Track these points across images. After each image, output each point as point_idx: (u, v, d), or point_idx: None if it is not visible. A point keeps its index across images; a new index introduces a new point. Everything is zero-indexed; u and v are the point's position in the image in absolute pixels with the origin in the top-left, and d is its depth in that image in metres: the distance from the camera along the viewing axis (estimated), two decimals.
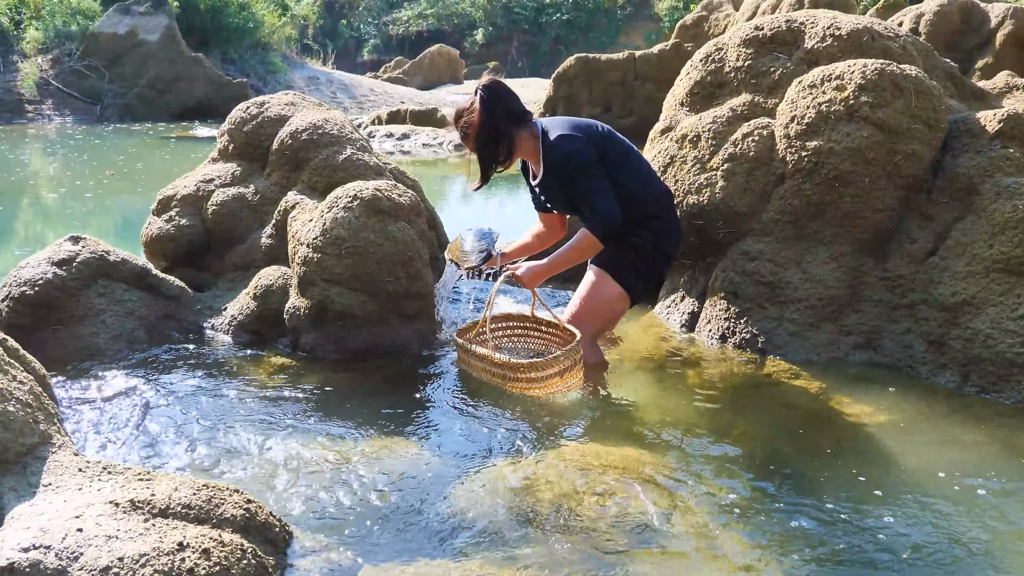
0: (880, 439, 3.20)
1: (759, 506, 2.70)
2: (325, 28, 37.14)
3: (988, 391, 3.55)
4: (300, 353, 4.06)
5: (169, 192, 4.87)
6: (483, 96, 3.65)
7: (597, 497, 2.67)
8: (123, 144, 14.28)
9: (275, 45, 24.23)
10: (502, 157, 3.71)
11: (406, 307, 4.07)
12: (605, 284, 3.77)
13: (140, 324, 4.16)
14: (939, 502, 2.73)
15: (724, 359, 4.00)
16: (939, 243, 3.83)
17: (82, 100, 18.73)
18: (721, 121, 4.31)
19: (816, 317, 3.97)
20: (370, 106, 21.84)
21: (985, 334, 3.57)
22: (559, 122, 3.74)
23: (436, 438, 3.21)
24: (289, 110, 4.86)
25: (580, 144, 3.61)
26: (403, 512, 2.65)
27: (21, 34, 19.83)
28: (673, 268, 4.65)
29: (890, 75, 3.86)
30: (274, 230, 4.51)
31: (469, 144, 3.76)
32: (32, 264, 4.01)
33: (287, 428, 3.25)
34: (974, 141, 3.87)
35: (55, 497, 2.13)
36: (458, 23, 38.43)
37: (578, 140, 3.62)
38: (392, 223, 4.00)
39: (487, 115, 3.64)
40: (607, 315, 3.87)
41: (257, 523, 2.28)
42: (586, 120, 3.82)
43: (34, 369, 2.90)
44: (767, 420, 3.42)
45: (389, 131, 14.34)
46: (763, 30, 4.42)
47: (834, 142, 3.87)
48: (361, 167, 4.51)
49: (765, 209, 4.12)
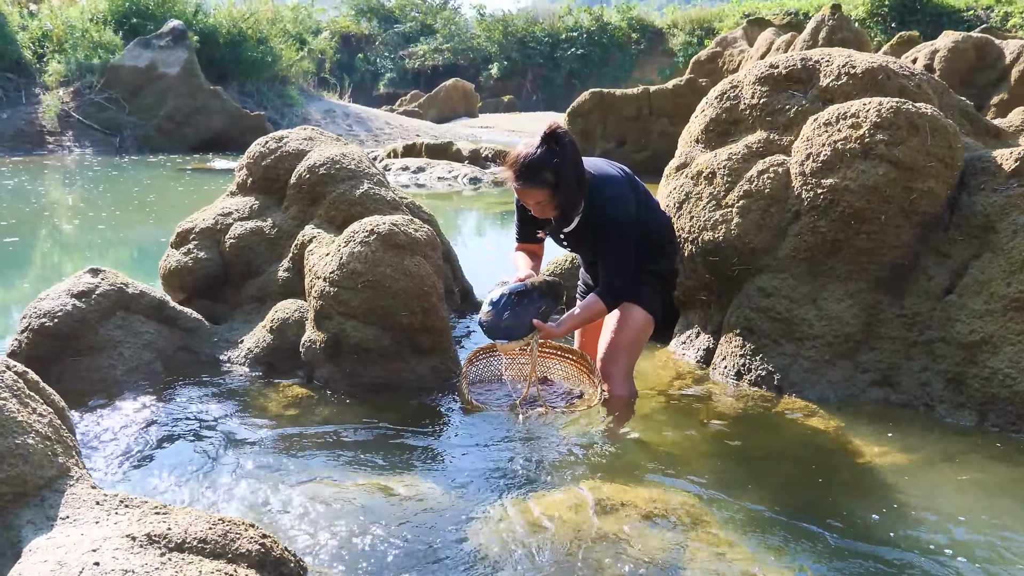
0: (897, 480, 3.17)
1: (773, 547, 2.68)
2: (342, 62, 37.51)
3: (1007, 430, 3.53)
4: (315, 386, 4.08)
5: (187, 225, 4.91)
6: (568, 143, 3.50)
7: (612, 536, 2.66)
8: (140, 176, 14.41)
9: (292, 79, 24.48)
10: (579, 209, 3.64)
11: (421, 341, 4.08)
12: (631, 313, 3.80)
13: (157, 356, 4.19)
14: (955, 547, 2.70)
15: (739, 396, 3.99)
16: (956, 281, 3.82)
17: (102, 132, 18.93)
18: (736, 158, 4.33)
19: (832, 354, 3.96)
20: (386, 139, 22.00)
21: (1004, 373, 3.55)
22: (603, 176, 3.67)
23: (450, 473, 3.21)
24: (307, 145, 4.91)
25: (630, 211, 3.63)
26: (417, 547, 2.65)
27: (43, 67, 20.10)
28: (688, 304, 4.66)
29: (906, 113, 3.87)
30: (291, 263, 4.54)
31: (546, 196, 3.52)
32: (52, 296, 4.04)
33: (302, 462, 3.25)
34: (991, 179, 3.87)
35: (72, 530, 2.13)
36: (473, 57, 38.76)
37: (629, 205, 3.64)
38: (408, 257, 4.02)
39: (573, 166, 3.51)
40: (640, 343, 3.90)
41: (272, 558, 2.28)
42: (612, 165, 3.82)
43: (53, 401, 2.92)
44: (782, 459, 3.40)
45: (405, 164, 14.43)
46: (778, 68, 4.45)
47: (850, 179, 3.88)
48: (378, 201, 4.54)
49: (780, 246, 4.12)
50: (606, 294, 3.69)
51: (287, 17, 26.43)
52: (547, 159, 3.45)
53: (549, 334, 3.70)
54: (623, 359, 3.84)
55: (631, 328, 3.80)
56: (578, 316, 3.77)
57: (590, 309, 3.73)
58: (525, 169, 3.47)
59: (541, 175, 3.46)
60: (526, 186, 3.51)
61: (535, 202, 3.58)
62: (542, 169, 3.45)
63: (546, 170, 3.45)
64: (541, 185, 3.48)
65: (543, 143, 3.47)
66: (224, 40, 22.10)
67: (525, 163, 3.47)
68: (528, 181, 3.49)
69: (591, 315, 3.76)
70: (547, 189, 3.49)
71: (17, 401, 2.40)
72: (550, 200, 3.53)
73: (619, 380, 3.83)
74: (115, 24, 20.73)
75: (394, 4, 41.65)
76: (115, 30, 20.45)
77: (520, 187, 3.54)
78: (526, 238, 3.98)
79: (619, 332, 3.81)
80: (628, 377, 3.87)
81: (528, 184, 3.49)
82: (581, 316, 3.77)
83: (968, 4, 26.75)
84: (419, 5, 41.61)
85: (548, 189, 3.49)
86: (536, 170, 3.46)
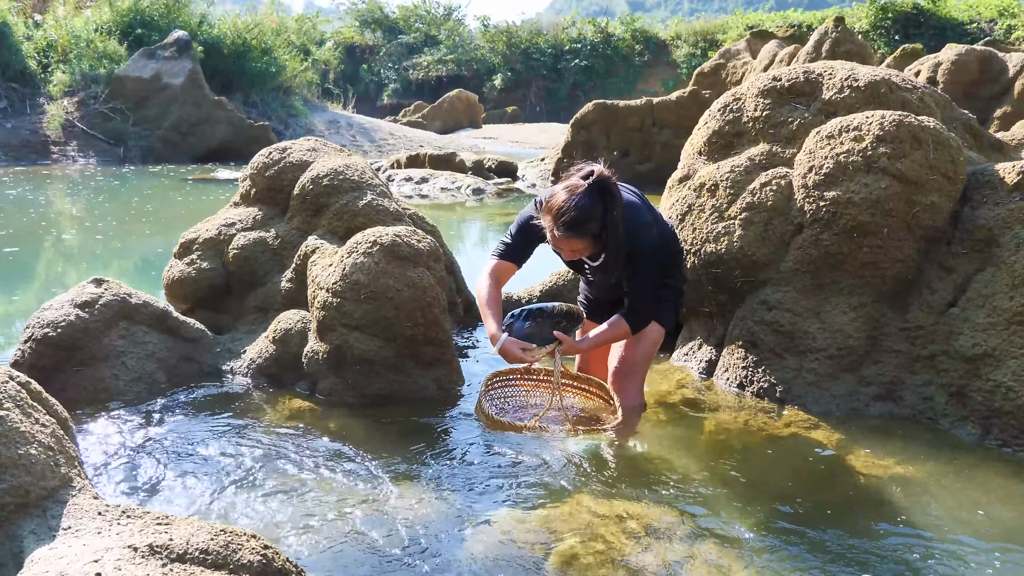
0: (900, 494, 3.16)
1: (774, 560, 2.68)
2: (346, 72, 37.61)
3: (1010, 444, 3.52)
4: (318, 397, 4.08)
5: (191, 235, 4.92)
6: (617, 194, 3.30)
7: (612, 547, 2.66)
8: (143, 186, 14.44)
9: (296, 89, 24.52)
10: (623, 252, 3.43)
11: (424, 353, 4.08)
12: (648, 329, 3.74)
13: (160, 366, 4.19)
14: (957, 561, 2.70)
15: (742, 408, 3.98)
16: (959, 294, 3.82)
17: (106, 142, 18.98)
18: (739, 170, 4.34)
19: (835, 367, 3.95)
20: (389, 150, 22.03)
21: (1007, 387, 3.55)
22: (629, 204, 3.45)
23: (453, 486, 3.20)
24: (311, 156, 4.92)
25: (654, 236, 3.50)
26: (420, 559, 2.64)
27: (48, 77, 20.16)
28: (691, 316, 4.65)
29: (908, 126, 3.88)
30: (294, 274, 4.55)
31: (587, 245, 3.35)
32: (55, 306, 4.05)
33: (304, 473, 3.25)
34: (993, 193, 3.87)
35: (74, 541, 2.13)
36: (477, 68, 38.83)
37: (652, 231, 3.50)
38: (411, 269, 4.03)
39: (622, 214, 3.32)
40: (653, 354, 3.87)
41: (274, 569, 2.28)
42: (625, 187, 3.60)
43: (56, 412, 2.92)
44: (785, 472, 3.39)
45: (408, 175, 14.45)
46: (781, 81, 4.46)
47: (852, 192, 3.88)
48: (381, 212, 4.55)
49: (783, 258, 4.13)
50: (631, 316, 3.59)
51: (291, 28, 26.52)
52: (594, 210, 3.23)
53: (572, 347, 3.59)
54: (637, 374, 3.82)
55: (646, 344, 3.77)
56: (603, 335, 3.65)
57: (615, 329, 3.61)
58: (571, 220, 3.23)
59: (586, 227, 3.25)
60: (568, 237, 3.29)
61: (572, 250, 3.40)
62: (589, 221, 3.24)
63: (592, 221, 3.24)
64: (584, 236, 3.29)
65: (589, 193, 3.24)
66: (228, 51, 22.15)
67: (571, 214, 3.22)
68: (571, 232, 3.26)
69: (615, 336, 3.67)
70: (588, 239, 3.31)
71: (20, 411, 2.40)
72: (590, 249, 3.38)
73: (632, 393, 3.81)
74: (120, 34, 20.78)
75: (398, 15, 41.76)
76: (120, 40, 20.49)
77: (561, 237, 3.31)
78: (515, 258, 3.66)
79: (635, 347, 3.77)
80: (639, 390, 3.86)
81: (571, 235, 3.28)
82: (607, 335, 3.65)
83: (972, 17, 26.81)
84: (423, 16, 41.72)
85: (590, 239, 3.31)
86: (582, 222, 3.23)
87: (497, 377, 3.92)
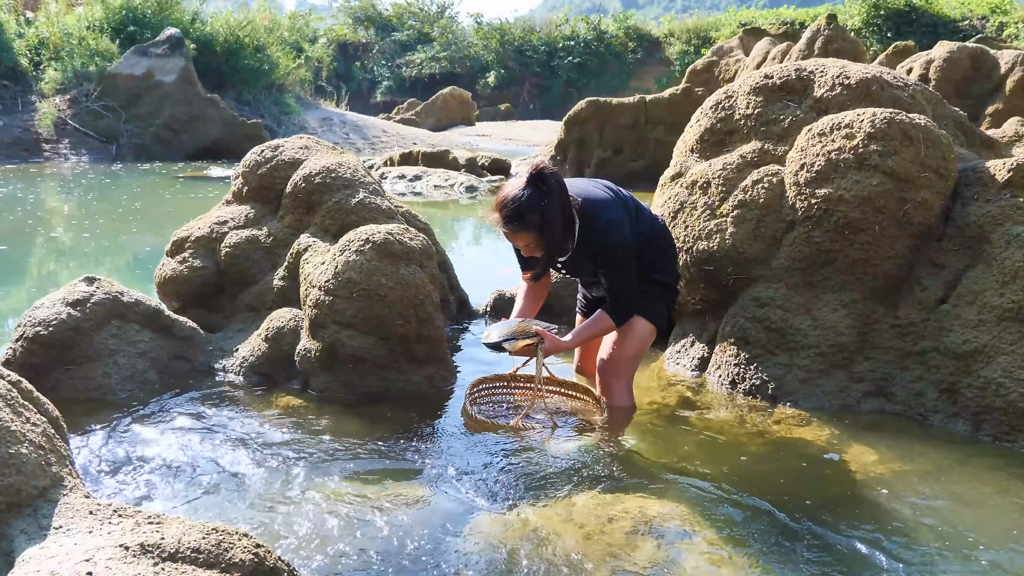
0: (891, 490, 3.18)
1: (767, 557, 2.68)
2: (339, 70, 37.54)
3: (1001, 440, 3.54)
4: (310, 395, 4.07)
5: (183, 233, 4.91)
6: (555, 184, 3.38)
7: (605, 546, 2.66)
8: (133, 184, 14.41)
9: (289, 87, 24.48)
10: (570, 245, 3.55)
11: (416, 351, 4.08)
12: (635, 325, 3.75)
13: (152, 365, 4.18)
14: (948, 557, 2.71)
15: (734, 405, 3.99)
16: (950, 291, 3.84)
17: (98, 140, 18.92)
18: (731, 168, 4.34)
19: (826, 364, 3.96)
20: (383, 147, 22.00)
21: (997, 383, 3.56)
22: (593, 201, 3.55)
23: (445, 484, 3.20)
24: (303, 153, 4.91)
25: (625, 232, 3.53)
26: (412, 558, 2.64)
27: (40, 74, 20.09)
28: (683, 313, 4.66)
29: (899, 124, 3.89)
30: (286, 272, 4.54)
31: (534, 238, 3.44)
32: (47, 304, 4.04)
33: (297, 471, 3.25)
34: (984, 190, 3.89)
35: (66, 540, 2.13)
36: (470, 66, 38.80)
37: (623, 226, 3.53)
38: (404, 267, 4.03)
39: (561, 207, 3.40)
40: (642, 355, 3.87)
41: (266, 568, 2.28)
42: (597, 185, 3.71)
43: (47, 411, 2.91)
44: (777, 468, 3.40)
45: (401, 172, 14.43)
46: (773, 78, 4.47)
47: (844, 190, 3.89)
48: (373, 210, 4.55)
49: (775, 256, 4.13)
50: (614, 310, 3.64)
51: (284, 25, 26.45)
52: (534, 202, 3.34)
53: (555, 343, 3.65)
54: (624, 372, 3.82)
55: (634, 341, 3.77)
56: (586, 331, 3.72)
57: (598, 324, 3.67)
58: (511, 213, 3.37)
59: (527, 219, 3.36)
60: (512, 230, 3.42)
61: (523, 245, 3.52)
62: (529, 212, 3.35)
63: (533, 213, 3.35)
64: (527, 229, 3.39)
65: (528, 184, 3.36)
66: (221, 48, 22.09)
67: (511, 206, 3.36)
68: (514, 225, 3.39)
69: (599, 331, 3.71)
70: (534, 232, 3.41)
71: (10, 410, 2.40)
72: (538, 242, 3.46)
73: (619, 393, 3.82)
74: (112, 32, 20.70)
75: (391, 12, 41.69)
76: (112, 38, 20.42)
77: (506, 231, 3.45)
78: (526, 268, 3.87)
79: (622, 345, 3.77)
80: (628, 390, 3.86)
81: (514, 228, 3.40)
82: (590, 331, 3.72)
83: (963, 14, 26.87)
84: (416, 13, 41.66)
85: (535, 232, 3.41)
86: (522, 214, 3.35)
87: (482, 384, 3.96)
